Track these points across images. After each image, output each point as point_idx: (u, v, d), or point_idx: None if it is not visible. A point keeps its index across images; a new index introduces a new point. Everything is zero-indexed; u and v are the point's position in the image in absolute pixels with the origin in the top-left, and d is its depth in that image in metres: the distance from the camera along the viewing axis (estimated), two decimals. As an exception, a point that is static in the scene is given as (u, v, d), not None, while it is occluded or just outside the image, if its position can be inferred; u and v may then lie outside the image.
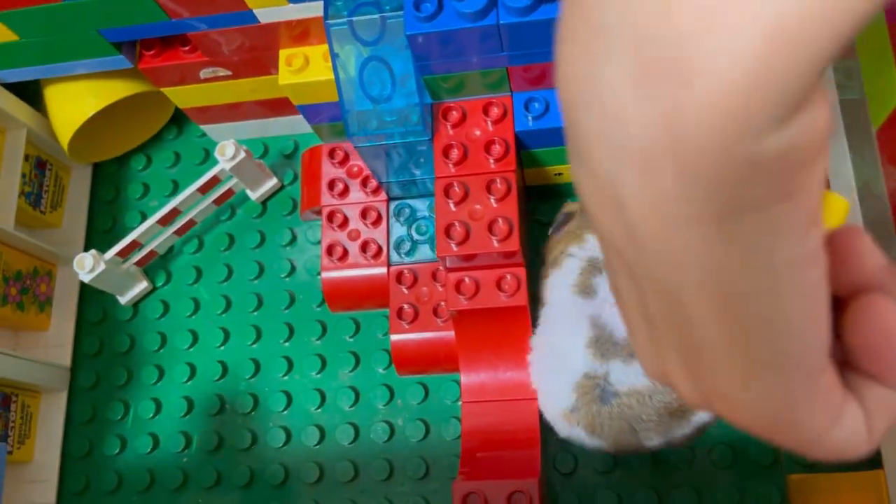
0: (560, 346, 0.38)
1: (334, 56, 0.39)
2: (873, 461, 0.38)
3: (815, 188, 0.14)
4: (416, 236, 0.47)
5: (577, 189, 0.17)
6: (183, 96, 0.49)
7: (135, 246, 0.49)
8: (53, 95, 0.49)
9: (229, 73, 0.46)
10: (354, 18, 0.38)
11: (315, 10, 0.41)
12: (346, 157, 0.49)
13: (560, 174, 0.46)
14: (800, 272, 0.15)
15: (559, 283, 0.38)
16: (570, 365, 0.37)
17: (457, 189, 0.40)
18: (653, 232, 0.15)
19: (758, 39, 0.12)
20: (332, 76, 0.43)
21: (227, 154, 0.47)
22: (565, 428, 0.38)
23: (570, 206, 0.43)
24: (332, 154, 0.49)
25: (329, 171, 0.49)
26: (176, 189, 0.54)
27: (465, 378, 0.43)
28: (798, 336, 0.16)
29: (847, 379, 0.18)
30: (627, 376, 0.36)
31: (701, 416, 0.37)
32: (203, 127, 0.53)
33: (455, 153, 0.41)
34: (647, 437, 0.37)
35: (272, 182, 0.52)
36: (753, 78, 0.12)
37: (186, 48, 0.45)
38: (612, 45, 0.14)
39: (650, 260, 0.16)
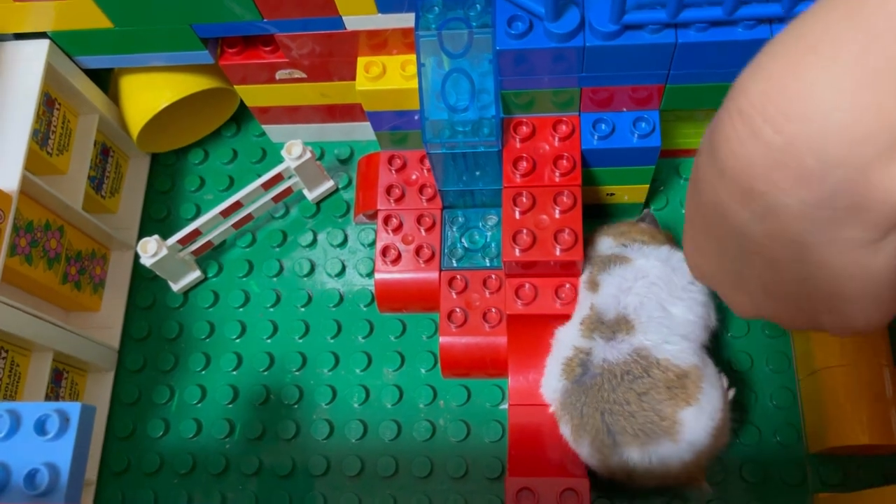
0: (563, 331, 0.43)
1: (420, 65, 0.41)
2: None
3: None
4: (467, 245, 0.49)
5: (746, 232, 0.25)
6: (254, 95, 0.51)
7: (195, 235, 0.50)
8: (129, 84, 0.51)
9: (304, 75, 0.49)
10: (444, 32, 0.40)
11: (399, 22, 0.43)
12: (405, 165, 0.51)
13: (612, 194, 0.48)
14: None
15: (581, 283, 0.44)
16: (564, 345, 0.42)
17: (524, 199, 0.42)
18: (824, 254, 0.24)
19: None
20: (406, 86, 0.45)
21: (293, 153, 0.49)
22: (561, 430, 0.41)
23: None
24: (390, 161, 0.51)
25: (387, 177, 0.51)
26: (232, 184, 0.56)
27: (513, 381, 0.45)
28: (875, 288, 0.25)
29: None
30: (606, 353, 0.40)
31: (690, 427, 0.39)
32: (264, 126, 0.55)
33: (524, 165, 0.43)
34: (623, 443, 0.39)
35: (329, 184, 0.54)
36: None
37: (269, 48, 0.47)
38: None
39: (814, 264, 0.24)
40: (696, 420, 0.39)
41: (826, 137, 0.21)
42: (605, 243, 0.44)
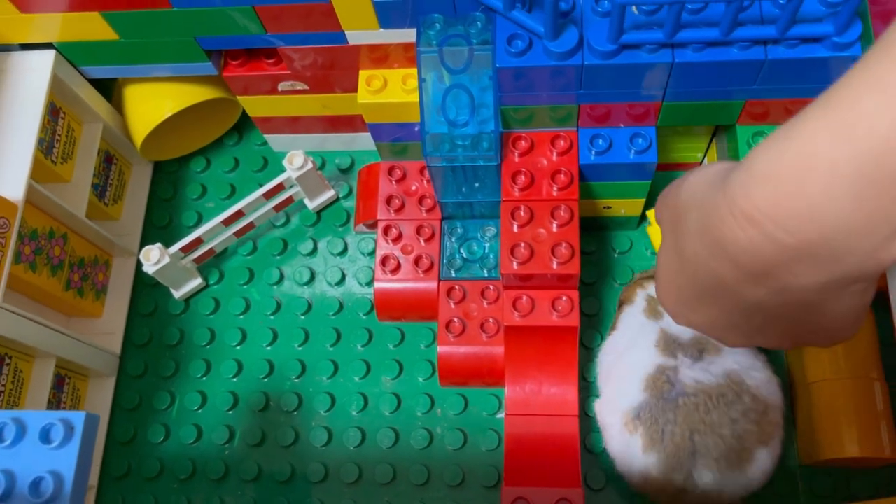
0: (631, 351, 0.43)
1: (421, 80, 0.42)
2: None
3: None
4: (466, 256, 0.50)
5: (745, 296, 0.27)
6: (256, 105, 0.51)
7: (197, 243, 0.51)
8: (133, 94, 0.52)
9: (306, 87, 0.49)
10: (444, 48, 0.41)
11: (401, 37, 0.44)
12: (404, 176, 0.51)
13: (609, 207, 0.49)
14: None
15: (630, 312, 0.44)
16: (641, 364, 0.42)
17: (522, 213, 0.43)
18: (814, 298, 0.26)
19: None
20: (406, 99, 0.46)
21: (295, 164, 0.50)
22: (622, 440, 0.41)
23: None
24: (390, 172, 0.52)
25: (387, 187, 0.51)
26: (233, 192, 0.57)
27: (510, 391, 0.46)
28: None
29: None
30: (695, 373, 0.40)
31: (758, 465, 0.40)
32: (265, 136, 0.56)
33: (522, 179, 0.44)
34: (702, 465, 0.39)
35: (330, 194, 0.55)
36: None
37: (271, 60, 0.48)
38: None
39: (805, 306, 0.27)
40: (766, 460, 0.41)
41: (835, 237, 0.23)
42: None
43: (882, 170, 0.22)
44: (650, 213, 0.47)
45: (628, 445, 0.41)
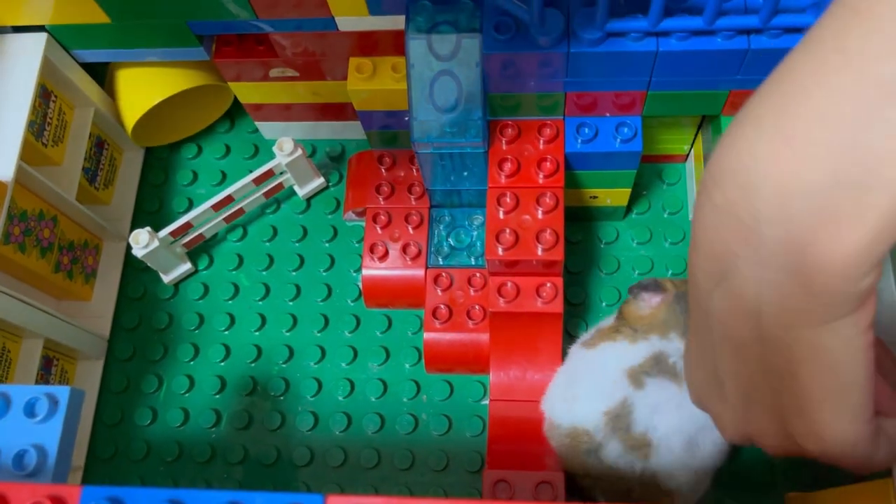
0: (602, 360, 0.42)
1: (409, 66, 0.42)
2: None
3: (873, 302, 0.24)
4: (453, 244, 0.50)
5: (711, 310, 0.27)
6: (247, 92, 0.52)
7: (187, 227, 0.51)
8: (124, 79, 0.52)
9: (297, 74, 0.50)
10: (433, 35, 0.41)
11: (391, 24, 0.44)
12: (394, 164, 0.52)
13: (595, 197, 0.50)
14: (866, 350, 0.24)
15: (618, 350, 0.42)
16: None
17: (508, 199, 0.43)
18: (780, 332, 0.25)
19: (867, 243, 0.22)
20: (396, 86, 0.46)
21: (285, 150, 0.50)
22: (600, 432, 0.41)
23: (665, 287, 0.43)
24: (380, 159, 0.52)
25: (377, 175, 0.52)
26: (224, 179, 0.57)
27: (494, 377, 0.46)
28: (867, 390, 0.25)
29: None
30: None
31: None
32: (257, 123, 0.56)
33: (508, 166, 0.44)
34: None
35: (319, 181, 0.55)
36: (866, 258, 0.22)
37: (262, 47, 0.48)
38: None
39: (775, 348, 0.25)
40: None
41: (754, 195, 0.23)
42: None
43: (801, 129, 0.22)
44: None
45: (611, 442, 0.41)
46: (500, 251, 0.43)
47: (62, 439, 0.32)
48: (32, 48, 0.46)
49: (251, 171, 0.52)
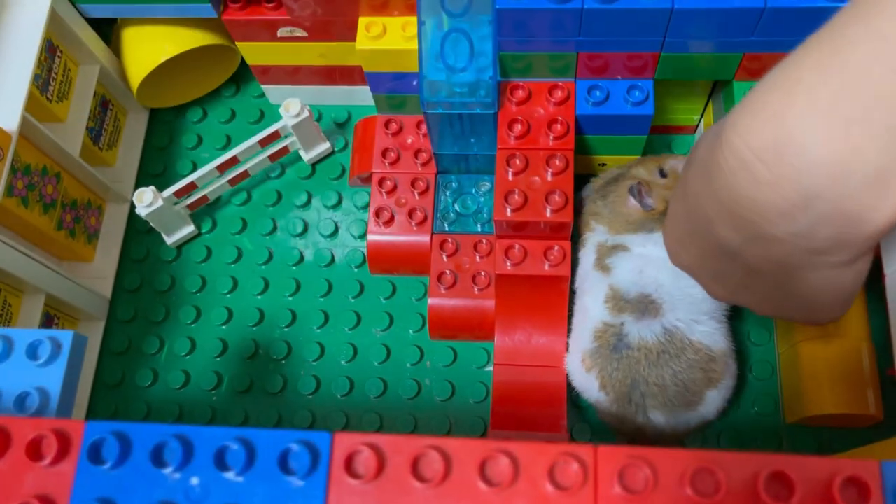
0: (586, 303, 0.44)
1: (420, 24, 0.42)
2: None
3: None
4: (459, 210, 0.50)
5: (729, 246, 0.28)
6: (255, 52, 0.51)
7: (191, 188, 0.51)
8: (131, 37, 0.51)
9: (305, 34, 0.49)
10: (445, -10, 0.41)
11: (402, -18, 0.44)
12: (401, 129, 0.51)
13: (604, 165, 0.49)
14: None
15: (584, 258, 0.45)
16: (591, 316, 0.43)
17: (517, 161, 0.43)
18: (805, 271, 0.27)
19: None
20: (405, 46, 0.46)
21: (291, 111, 0.50)
22: (582, 375, 0.43)
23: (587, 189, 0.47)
24: (387, 125, 0.52)
25: (383, 140, 0.51)
26: (229, 143, 0.57)
27: (499, 341, 0.46)
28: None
29: None
30: (638, 330, 0.41)
31: (709, 404, 0.42)
32: (263, 87, 0.56)
33: (518, 128, 0.44)
34: (652, 406, 0.41)
35: (325, 146, 0.55)
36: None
37: (271, 5, 0.48)
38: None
39: (795, 277, 0.27)
40: (717, 398, 0.43)
41: (807, 175, 0.23)
42: (599, 232, 0.45)
43: (860, 104, 0.22)
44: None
45: (587, 380, 0.43)
46: (508, 212, 0.43)
47: (65, 383, 0.32)
48: (39, 0, 0.46)
49: (256, 135, 0.51)
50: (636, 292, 0.42)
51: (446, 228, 0.50)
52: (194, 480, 0.26)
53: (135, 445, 0.26)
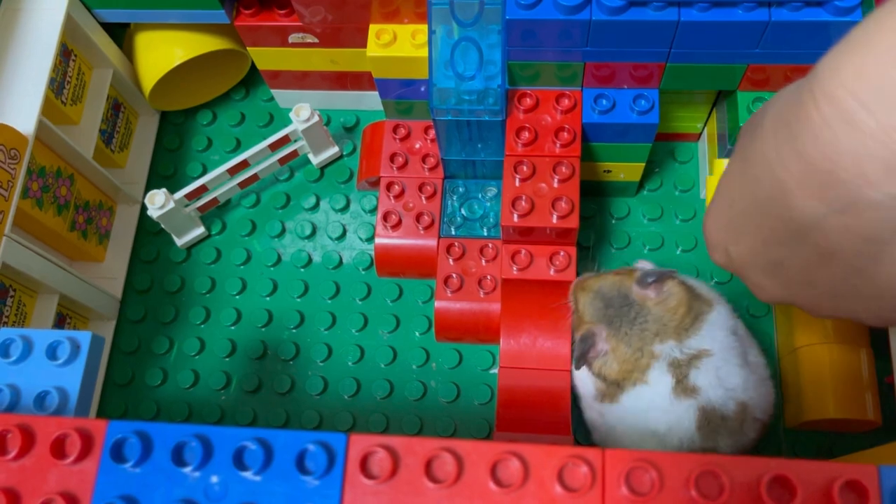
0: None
1: (431, 32, 0.42)
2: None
3: None
4: (466, 214, 0.51)
5: (813, 227, 0.25)
6: (265, 57, 0.52)
7: (202, 191, 0.52)
8: (144, 41, 0.52)
9: (316, 41, 0.50)
10: (455, 1, 0.42)
11: (413, -9, 0.44)
12: (409, 134, 0.52)
13: (609, 171, 0.50)
14: None
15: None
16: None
17: (525, 168, 0.44)
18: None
19: None
20: (415, 54, 0.47)
21: (301, 116, 0.51)
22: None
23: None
24: (395, 130, 0.52)
25: (391, 144, 0.52)
26: (238, 146, 0.57)
27: (504, 344, 0.47)
28: None
29: None
30: None
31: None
32: (273, 91, 0.57)
33: (526, 135, 0.44)
34: None
35: (334, 150, 0.55)
36: None
37: (283, 11, 0.48)
38: None
39: (881, 258, 0.24)
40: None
41: None
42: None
43: None
44: (717, 162, 0.46)
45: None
46: (515, 218, 0.43)
47: (83, 382, 0.33)
48: (55, 5, 0.46)
49: (265, 139, 0.52)
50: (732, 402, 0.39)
51: (453, 233, 0.51)
52: (214, 479, 0.26)
53: (156, 445, 0.27)
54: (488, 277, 0.49)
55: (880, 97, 0.20)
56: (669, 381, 0.39)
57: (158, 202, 0.50)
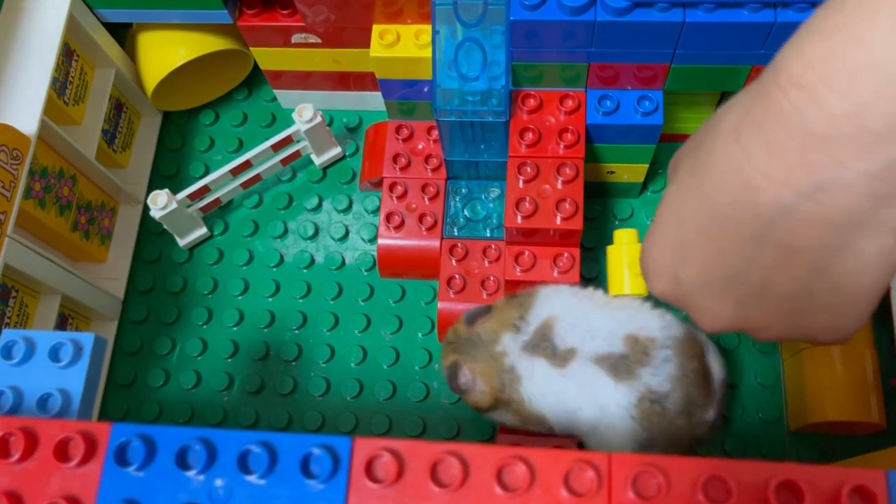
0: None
1: (435, 33, 0.42)
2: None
3: None
4: (469, 215, 0.51)
5: (773, 220, 0.24)
6: (268, 58, 0.52)
7: (204, 191, 0.51)
8: (146, 41, 0.52)
9: (319, 41, 0.50)
10: (459, 1, 0.41)
11: (416, -9, 0.44)
12: (411, 135, 0.52)
13: (612, 172, 0.50)
14: None
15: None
16: None
17: (528, 169, 0.44)
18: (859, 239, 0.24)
19: None
20: (418, 54, 0.47)
21: (304, 116, 0.51)
22: None
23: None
24: (398, 130, 0.52)
25: (394, 145, 0.52)
26: (241, 147, 0.57)
27: (508, 346, 0.47)
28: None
29: None
30: None
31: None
32: (275, 91, 0.57)
33: (529, 136, 0.44)
34: None
35: (336, 150, 0.55)
36: None
37: (286, 11, 0.48)
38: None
39: (841, 253, 0.24)
40: None
41: (892, 98, 0.20)
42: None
43: None
44: (617, 234, 0.43)
45: None
46: (518, 219, 0.43)
47: (86, 384, 0.33)
48: (58, 5, 0.46)
49: (268, 139, 0.52)
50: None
51: (456, 233, 0.50)
52: (218, 483, 0.26)
53: (160, 448, 0.27)
54: (491, 278, 0.49)
55: (847, 77, 0.21)
56: (542, 361, 0.38)
57: (161, 202, 0.50)
